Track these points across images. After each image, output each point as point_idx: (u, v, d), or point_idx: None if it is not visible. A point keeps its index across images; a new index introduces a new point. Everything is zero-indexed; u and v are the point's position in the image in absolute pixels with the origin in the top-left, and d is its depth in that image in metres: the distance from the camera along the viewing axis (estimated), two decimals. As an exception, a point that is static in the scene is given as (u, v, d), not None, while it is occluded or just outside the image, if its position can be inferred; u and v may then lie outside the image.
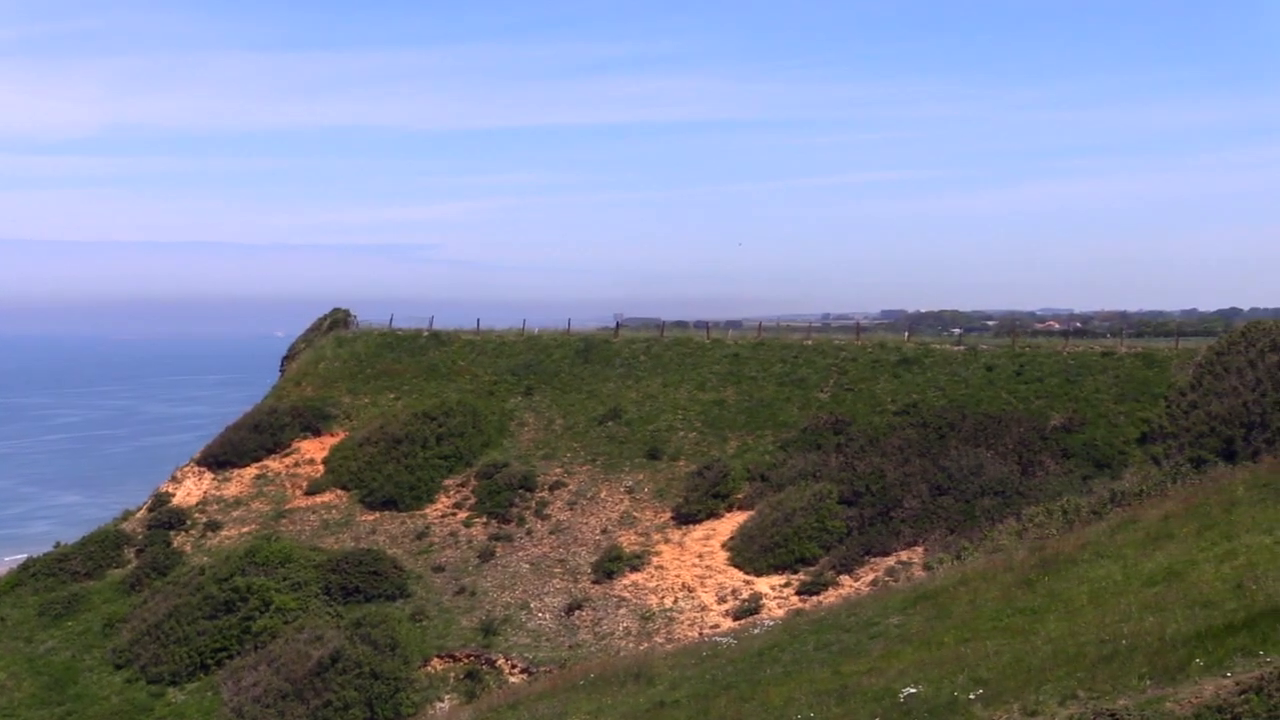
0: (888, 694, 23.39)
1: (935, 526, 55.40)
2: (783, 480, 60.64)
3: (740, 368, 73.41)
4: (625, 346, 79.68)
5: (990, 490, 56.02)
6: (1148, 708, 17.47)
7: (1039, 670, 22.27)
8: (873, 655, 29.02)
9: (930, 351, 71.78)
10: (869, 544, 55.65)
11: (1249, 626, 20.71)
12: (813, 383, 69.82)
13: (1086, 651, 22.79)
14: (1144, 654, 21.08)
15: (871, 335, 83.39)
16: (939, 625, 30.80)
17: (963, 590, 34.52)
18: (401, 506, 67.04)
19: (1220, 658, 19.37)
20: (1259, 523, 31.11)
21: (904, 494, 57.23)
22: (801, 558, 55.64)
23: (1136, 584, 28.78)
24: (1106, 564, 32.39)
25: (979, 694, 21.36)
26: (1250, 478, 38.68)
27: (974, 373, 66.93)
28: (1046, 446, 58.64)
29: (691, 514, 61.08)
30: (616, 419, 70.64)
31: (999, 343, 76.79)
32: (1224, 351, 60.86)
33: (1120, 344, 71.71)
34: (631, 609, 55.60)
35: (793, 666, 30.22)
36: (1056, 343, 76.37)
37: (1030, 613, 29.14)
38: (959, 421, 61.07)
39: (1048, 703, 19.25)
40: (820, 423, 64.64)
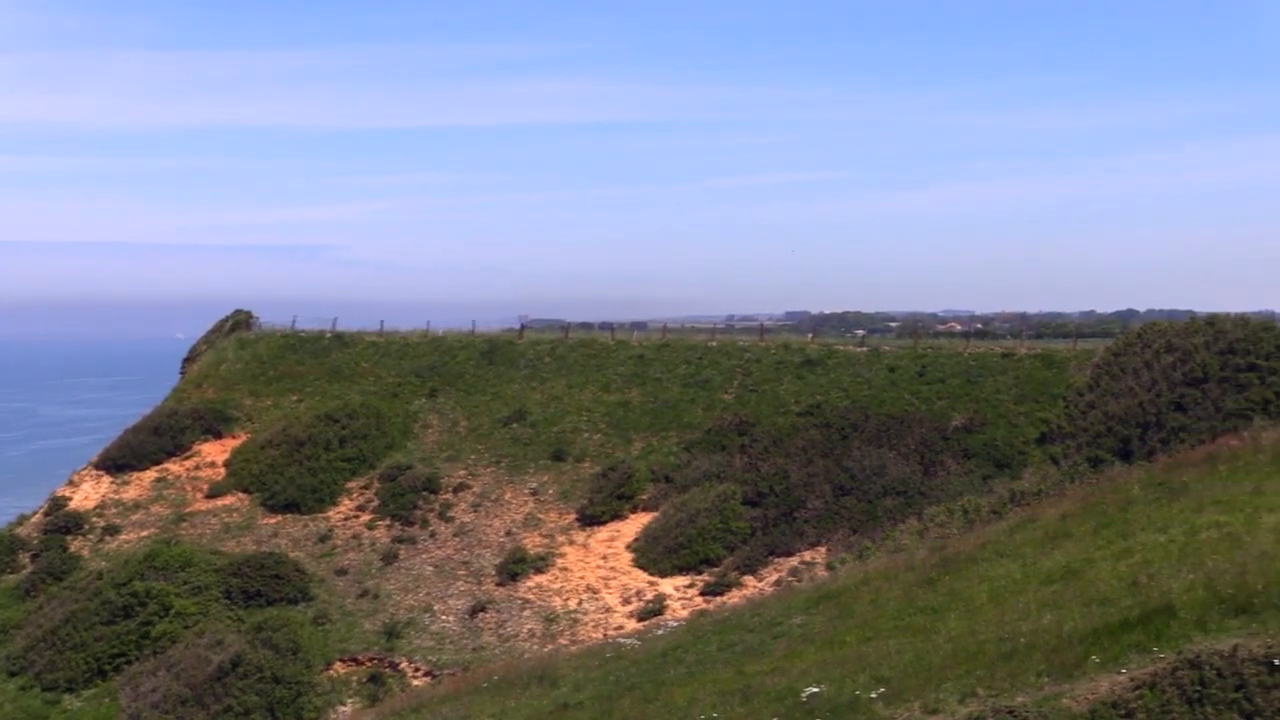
0: (791, 693, 23.52)
1: (838, 526, 55.76)
2: (687, 481, 60.79)
3: (645, 369, 73.49)
4: (530, 348, 79.53)
5: (892, 490, 56.46)
6: (1045, 704, 17.71)
7: (939, 668, 22.48)
8: (776, 655, 29.17)
9: (834, 353, 72.16)
10: (773, 544, 55.91)
11: (1144, 623, 21.03)
12: (717, 384, 70.03)
13: (986, 649, 23.04)
14: (1042, 651, 21.34)
15: (776, 336, 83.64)
16: (841, 625, 31.02)
17: (865, 590, 34.78)
18: (304, 509, 66.52)
19: (1116, 654, 19.65)
20: (1154, 521, 31.57)
21: (807, 494, 57.55)
22: (706, 558, 55.83)
23: (1035, 582, 29.11)
24: (1006, 563, 32.76)
25: (881, 693, 21.54)
26: (1146, 477, 39.24)
27: (877, 374, 67.38)
28: (948, 447, 59.17)
29: (596, 515, 61.09)
30: (521, 420, 70.53)
31: (901, 344, 77.33)
32: (1121, 352, 61.63)
33: (1020, 345, 72.44)
34: (536, 611, 55.53)
35: (696, 667, 30.32)
36: (958, 344, 77.02)
37: (931, 611, 29.40)
38: (862, 422, 61.49)
39: (948, 701, 19.46)
40: (724, 424, 64.85)
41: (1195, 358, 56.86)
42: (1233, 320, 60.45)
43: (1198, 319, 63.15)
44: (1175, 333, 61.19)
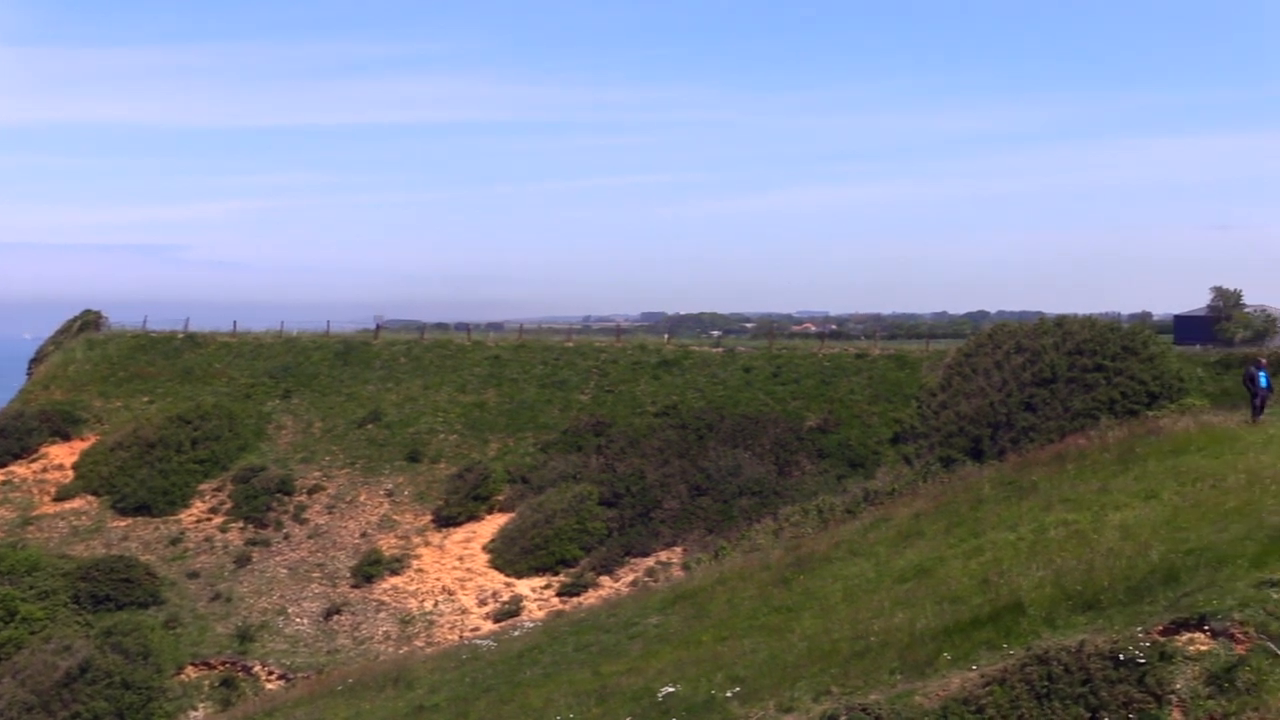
0: (646, 693, 23.54)
1: (694, 527, 55.95)
2: (543, 482, 60.67)
3: (501, 370, 73.24)
4: (385, 348, 78.94)
5: (748, 490, 56.74)
6: (898, 701, 17.87)
7: (794, 667, 22.61)
8: (632, 655, 29.18)
9: (690, 353, 72.40)
10: (629, 545, 55.99)
11: (994, 620, 21.31)
12: (573, 384, 69.98)
13: (840, 648, 23.21)
14: (895, 649, 21.55)
15: (632, 337, 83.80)
16: (697, 624, 31.08)
17: (720, 589, 34.88)
18: (155, 512, 65.42)
19: (967, 651, 19.89)
20: (1004, 519, 32.01)
21: (664, 495, 57.68)
22: (562, 559, 55.78)
23: (888, 581, 29.38)
24: (860, 562, 33.03)
25: (736, 692, 21.62)
26: (996, 476, 39.81)
27: (732, 374, 67.68)
28: (803, 447, 59.58)
29: (452, 516, 60.75)
30: (376, 421, 69.97)
31: (757, 345, 77.77)
32: (972, 353, 62.42)
33: (874, 346, 73.17)
34: (391, 613, 55.12)
35: (552, 668, 30.25)
36: (812, 344, 77.62)
37: (786, 611, 29.55)
38: (717, 423, 61.73)
39: (802, 699, 19.57)
40: (581, 424, 64.82)
41: (1044, 358, 57.74)
42: (1080, 321, 61.45)
43: (1047, 320, 64.12)
44: (1025, 334, 62.11)
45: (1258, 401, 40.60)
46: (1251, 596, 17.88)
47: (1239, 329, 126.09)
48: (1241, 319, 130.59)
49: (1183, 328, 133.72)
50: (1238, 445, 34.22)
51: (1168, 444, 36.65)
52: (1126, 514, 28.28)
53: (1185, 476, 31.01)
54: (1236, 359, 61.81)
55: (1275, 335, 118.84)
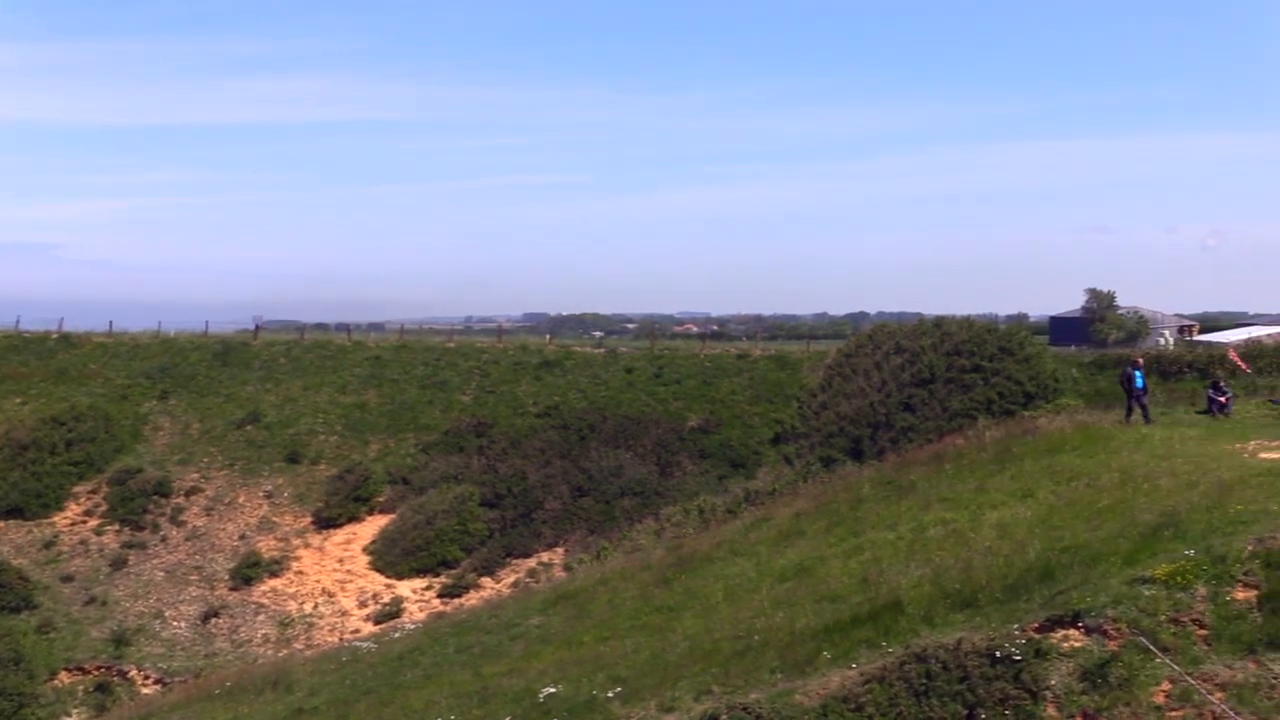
0: (528, 694, 23.48)
1: (576, 527, 55.93)
2: (424, 483, 60.35)
3: (382, 370, 72.82)
4: (265, 349, 78.19)
5: (630, 491, 56.80)
6: (778, 700, 17.95)
7: (675, 667, 22.65)
8: (513, 656, 29.10)
9: (571, 354, 72.42)
10: (510, 546, 55.84)
11: (873, 619, 21.48)
12: (455, 385, 69.72)
13: (721, 647, 23.28)
14: (775, 648, 21.64)
15: (514, 338, 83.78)
16: (579, 625, 31.06)
17: (602, 590, 34.88)
18: (28, 515, 64.22)
19: (847, 649, 20.03)
20: (883, 519, 32.28)
21: (545, 495, 57.60)
22: (443, 560, 55.51)
23: (769, 580, 29.51)
24: (741, 561, 33.16)
25: (617, 692, 21.61)
26: (876, 476, 40.14)
27: (614, 375, 67.75)
28: (684, 447, 59.75)
29: (332, 518, 60.27)
30: (255, 422, 69.26)
31: (639, 345, 77.97)
32: (852, 354, 62.95)
33: (755, 347, 73.58)
34: (270, 615, 54.57)
35: (433, 669, 30.10)
36: (694, 345, 78.02)
37: (668, 610, 29.59)
38: (599, 423, 61.75)
39: (683, 698, 19.61)
40: (462, 425, 64.56)
41: (923, 359, 58.34)
42: (958, 323, 62.18)
43: (925, 321, 64.81)
44: (904, 335, 62.74)
45: (1135, 402, 41.27)
46: (1124, 593, 18.16)
47: (1113, 330, 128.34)
48: (1115, 320, 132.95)
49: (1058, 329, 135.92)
50: (1111, 445, 34.77)
51: (1043, 444, 37.14)
52: (1003, 513, 28.63)
53: (1060, 476, 31.45)
54: (1111, 360, 62.83)
55: (1148, 336, 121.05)
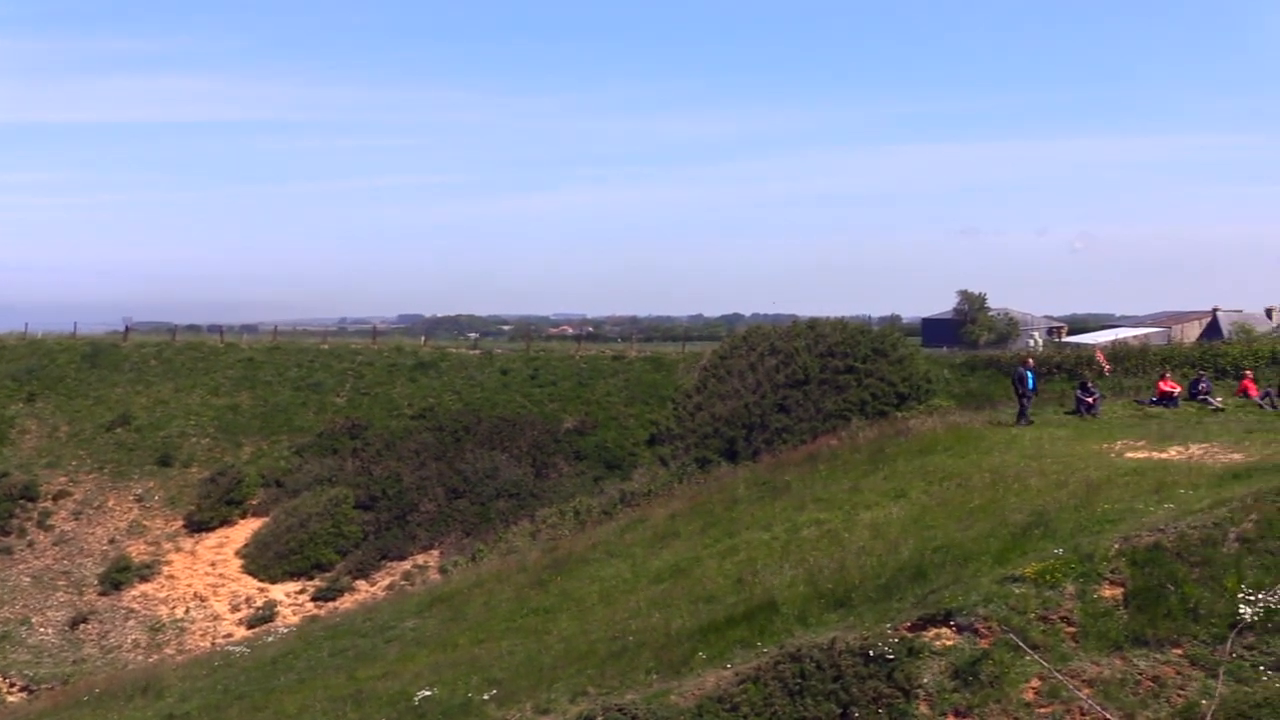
0: (403, 697, 23.38)
1: (451, 529, 55.64)
2: (298, 486, 59.78)
3: (255, 372, 72.05)
4: (135, 351, 77.03)
5: (505, 492, 56.62)
6: (654, 701, 18.00)
7: (551, 668, 22.65)
8: (388, 659, 28.98)
9: (447, 355, 72.13)
10: (385, 548, 55.45)
11: (748, 619, 21.61)
12: (329, 387, 69.15)
13: (597, 649, 23.32)
14: (651, 649, 21.71)
15: (389, 339, 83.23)
16: (454, 627, 30.99)
17: (478, 592, 34.83)
18: (-112, 520, 62.90)
19: (722, 650, 20.13)
20: (758, 519, 32.49)
21: (420, 498, 57.24)
22: (317, 563, 54.99)
23: (645, 581, 29.61)
24: (616, 563, 33.25)
25: (493, 694, 21.58)
26: (750, 477, 40.42)
27: (489, 376, 67.55)
28: (560, 448, 59.66)
29: (204, 522, 59.48)
30: (126, 425, 68.23)
31: (514, 347, 77.84)
32: (727, 355, 63.17)
33: (630, 348, 73.71)
34: (141, 621, 53.76)
35: (307, 673, 29.88)
36: (570, 346, 77.94)
37: (543, 612, 29.60)
38: (475, 425, 61.51)
39: (559, 700, 19.61)
40: (336, 427, 64.04)
41: (797, 360, 58.67)
42: (832, 324, 62.60)
43: (799, 323, 65.17)
44: (778, 336, 63.07)
45: (1025, 402, 41.90)
46: (995, 592, 18.41)
47: (983, 331, 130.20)
48: (986, 322, 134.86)
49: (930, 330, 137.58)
50: (982, 445, 35.28)
51: (916, 444, 37.61)
52: (877, 513, 28.94)
53: (933, 476, 31.86)
54: (981, 360, 63.65)
55: (1018, 337, 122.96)
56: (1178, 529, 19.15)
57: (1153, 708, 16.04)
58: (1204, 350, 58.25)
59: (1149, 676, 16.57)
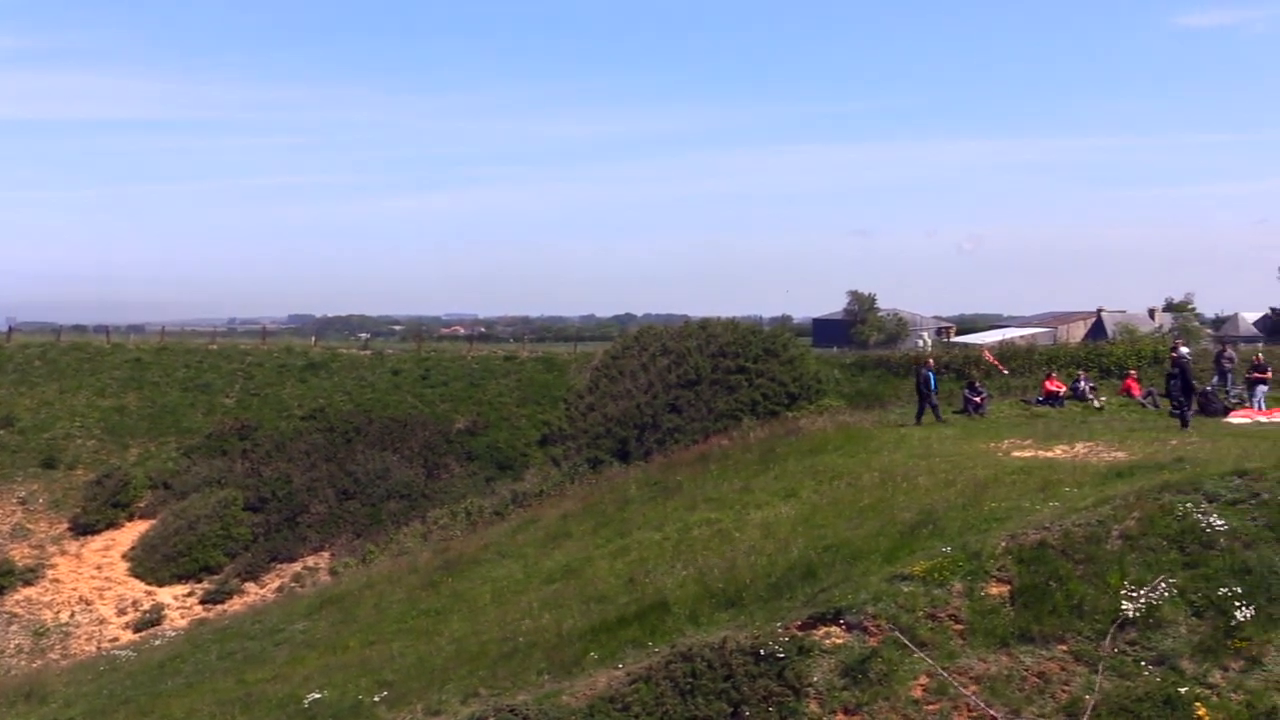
0: (292, 700, 23.20)
1: (342, 531, 55.28)
2: (186, 488, 59.15)
3: (142, 373, 71.22)
4: (19, 351, 75.88)
5: (396, 493, 56.35)
6: (545, 701, 17.97)
7: (442, 670, 22.58)
8: (277, 662, 28.76)
9: (337, 356, 71.76)
10: (275, 550, 54.99)
11: (639, 619, 21.64)
12: (218, 388, 68.50)
13: (489, 649, 23.27)
14: (543, 650, 21.69)
15: (279, 340, 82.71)
16: (344, 629, 30.82)
17: (368, 593, 34.68)
18: None
19: (613, 650, 20.13)
20: (649, 519, 32.57)
21: (311, 499, 56.83)
22: (206, 566, 54.40)
23: (536, 582, 29.60)
24: (508, 563, 33.23)
25: (384, 696, 21.46)
26: (642, 477, 40.52)
27: (380, 377, 67.25)
28: (451, 449, 59.48)
29: (90, 524, 58.69)
30: (9, 427, 67.16)
31: (406, 347, 77.60)
32: (619, 355, 63.35)
33: (523, 348, 73.76)
34: (24, 625, 52.92)
35: (195, 677, 29.58)
36: (461, 347, 77.85)
37: (435, 614, 29.51)
38: (365, 425, 61.19)
39: (450, 701, 19.53)
40: (225, 428, 63.45)
41: (689, 360, 58.93)
42: (723, 324, 62.96)
43: (691, 323, 65.56)
44: (670, 336, 63.35)
45: (927, 402, 42.31)
46: (884, 590, 18.55)
47: (873, 331, 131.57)
48: (876, 322, 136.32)
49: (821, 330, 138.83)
50: (872, 445, 35.57)
51: (806, 444, 37.87)
52: (767, 512, 29.09)
53: (823, 475, 32.08)
54: (871, 360, 64.27)
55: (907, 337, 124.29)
56: (1063, 527, 19.41)
57: (1038, 703, 16.24)
58: (1089, 350, 59.19)
59: (1034, 672, 16.78)
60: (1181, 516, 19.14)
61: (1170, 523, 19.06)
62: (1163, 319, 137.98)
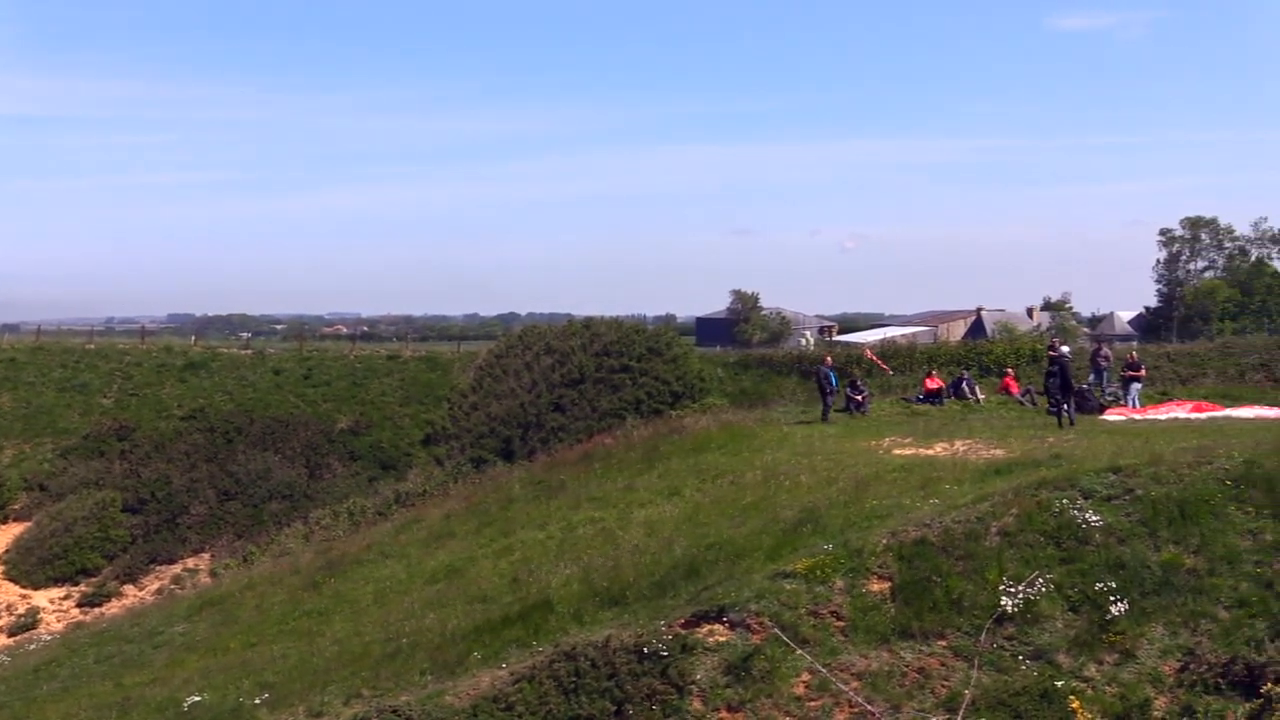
0: (172, 703, 22.96)
1: (223, 532, 54.69)
2: (63, 489, 58.22)
3: (17, 373, 69.99)
4: (-113, 350, 74.43)
5: (278, 494, 55.85)
6: (429, 702, 17.91)
7: (324, 671, 22.45)
8: (156, 665, 28.46)
9: (218, 355, 71.00)
10: (155, 552, 54.29)
11: (523, 618, 21.64)
12: (95, 388, 67.50)
13: (372, 650, 23.18)
14: (426, 650, 21.63)
15: (158, 339, 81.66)
16: (225, 631, 30.55)
17: (249, 595, 34.39)
18: None
19: (497, 649, 20.11)
20: (533, 518, 32.57)
21: (191, 500, 56.14)
22: (83, 569, 53.60)
23: (420, 582, 29.51)
24: (391, 564, 33.10)
25: (265, 698, 21.31)
26: (526, 476, 40.49)
27: (262, 377, 66.63)
28: (334, 449, 59.05)
29: (-37, 527, 57.79)
30: (-123, 427, 65.88)
31: (288, 346, 76.93)
32: (503, 354, 63.22)
33: (406, 348, 73.38)
34: (-106, 631, 51.97)
35: (72, 681, 29.18)
36: (344, 346, 77.38)
37: (317, 615, 29.33)
38: (247, 426, 60.58)
39: (333, 702, 19.41)
40: (103, 429, 62.52)
41: (573, 359, 58.93)
42: (607, 323, 63.03)
43: (575, 322, 65.58)
44: (554, 335, 63.33)
45: (827, 400, 42.58)
46: (766, 588, 18.67)
47: (756, 330, 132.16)
48: (759, 321, 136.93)
49: (704, 329, 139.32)
50: (755, 443, 35.77)
51: (690, 443, 38.01)
52: (651, 511, 29.19)
53: (706, 474, 32.24)
54: (754, 359, 64.69)
55: (790, 336, 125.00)
56: (942, 524, 19.65)
57: (918, 699, 16.44)
58: (969, 349, 59.92)
59: (915, 668, 16.97)
60: (1058, 513, 19.45)
61: (1047, 519, 19.36)
62: (1041, 318, 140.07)
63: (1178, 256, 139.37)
